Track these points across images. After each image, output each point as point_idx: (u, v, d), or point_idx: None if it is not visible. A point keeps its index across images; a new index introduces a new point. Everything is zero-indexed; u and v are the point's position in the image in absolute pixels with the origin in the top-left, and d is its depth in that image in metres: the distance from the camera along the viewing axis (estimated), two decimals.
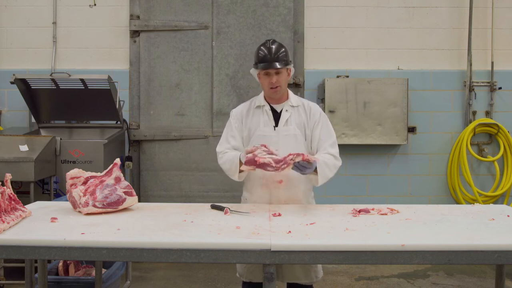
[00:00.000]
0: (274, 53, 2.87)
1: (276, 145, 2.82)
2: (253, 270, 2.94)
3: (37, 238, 2.09)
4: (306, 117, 2.96)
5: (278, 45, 2.91)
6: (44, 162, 4.16)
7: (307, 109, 2.98)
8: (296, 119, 2.95)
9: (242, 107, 3.05)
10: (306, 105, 3.00)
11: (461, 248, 2.02)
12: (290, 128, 2.93)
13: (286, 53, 2.91)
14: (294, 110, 2.96)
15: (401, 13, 5.43)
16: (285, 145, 2.87)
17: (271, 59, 2.85)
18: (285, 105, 2.96)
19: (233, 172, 2.89)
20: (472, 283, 4.49)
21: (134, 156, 5.35)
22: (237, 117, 3.01)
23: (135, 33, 5.38)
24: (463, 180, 5.35)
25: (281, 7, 5.39)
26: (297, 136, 2.92)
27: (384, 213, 2.62)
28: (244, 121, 2.99)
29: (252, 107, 3.01)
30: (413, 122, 5.37)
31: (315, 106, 3.03)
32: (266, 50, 2.89)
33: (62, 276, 3.35)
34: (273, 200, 2.95)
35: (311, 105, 3.01)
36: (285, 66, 2.88)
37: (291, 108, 2.96)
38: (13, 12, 5.40)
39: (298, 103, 2.99)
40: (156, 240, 2.06)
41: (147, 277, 4.60)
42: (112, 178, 2.66)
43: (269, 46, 2.89)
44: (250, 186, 3.01)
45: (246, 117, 2.99)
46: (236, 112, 3.04)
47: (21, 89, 4.69)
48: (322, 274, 3.02)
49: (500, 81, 5.42)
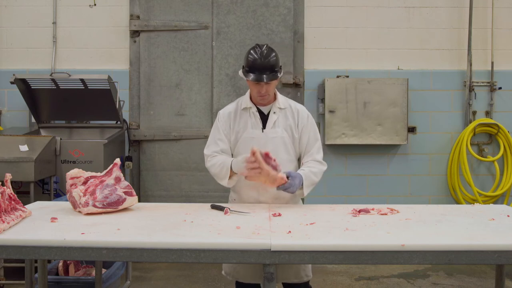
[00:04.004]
0: (265, 65, 2.81)
1: (264, 147, 2.83)
2: (239, 270, 2.93)
3: (37, 238, 2.09)
4: (293, 120, 2.95)
5: (268, 54, 2.83)
6: (44, 162, 4.16)
7: (295, 111, 2.97)
8: (283, 122, 2.94)
9: (230, 109, 3.01)
10: (294, 108, 2.98)
11: (461, 248, 2.02)
12: (278, 130, 2.93)
13: (276, 62, 2.84)
14: (281, 113, 2.95)
15: (401, 13, 5.43)
16: (273, 147, 2.89)
17: (261, 69, 2.80)
18: (272, 107, 2.95)
19: (223, 176, 2.88)
20: (472, 283, 4.49)
21: (134, 156, 5.35)
22: (224, 119, 2.98)
23: (135, 33, 5.38)
24: (463, 180, 5.35)
25: (281, 7, 5.39)
26: (284, 139, 2.93)
27: (384, 213, 2.62)
28: (231, 123, 2.97)
29: (239, 109, 2.98)
30: (413, 122, 5.37)
31: (302, 108, 3.02)
32: (257, 58, 2.82)
33: (62, 276, 3.36)
34: (261, 201, 2.95)
35: (298, 108, 2.99)
36: (275, 79, 2.83)
37: (278, 110, 2.95)
38: (13, 12, 5.40)
39: (285, 105, 2.97)
40: (156, 240, 2.06)
41: (147, 277, 4.60)
42: (112, 178, 2.66)
43: (259, 56, 2.82)
44: (238, 187, 3.00)
45: (234, 119, 2.97)
46: (224, 114, 3.00)
47: (21, 89, 4.69)
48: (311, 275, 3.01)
49: (500, 81, 5.42)
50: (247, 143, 2.90)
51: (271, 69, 2.83)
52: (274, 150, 2.83)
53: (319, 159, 2.95)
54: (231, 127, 2.97)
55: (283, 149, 2.92)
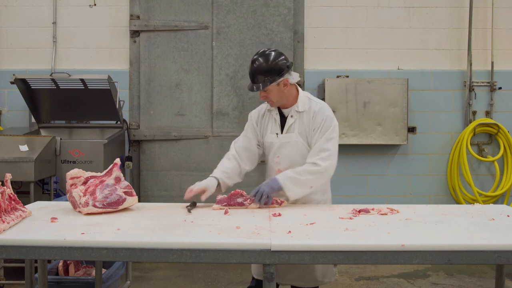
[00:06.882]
0: (254, 73, 2.81)
1: (278, 152, 2.90)
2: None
3: (37, 238, 2.09)
4: (309, 123, 2.88)
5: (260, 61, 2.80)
6: (44, 162, 4.16)
7: (312, 114, 2.88)
8: (299, 126, 2.89)
9: (259, 109, 3.05)
10: (312, 110, 2.89)
11: (461, 248, 2.02)
12: (292, 135, 2.90)
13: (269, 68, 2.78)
14: (299, 116, 2.89)
15: (401, 13, 5.43)
16: (286, 152, 2.90)
17: (252, 78, 2.82)
18: (291, 111, 2.91)
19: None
20: (472, 283, 4.49)
21: (134, 156, 5.35)
22: (253, 120, 3.04)
23: (135, 33, 5.38)
24: (463, 180, 5.35)
25: (281, 7, 5.39)
26: (298, 143, 2.89)
27: (384, 213, 2.62)
28: (258, 124, 3.01)
29: (266, 110, 3.01)
30: (413, 122, 5.37)
31: (321, 110, 2.88)
32: (250, 67, 2.83)
33: (62, 276, 3.35)
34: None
35: (317, 109, 2.88)
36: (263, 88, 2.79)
37: (296, 114, 2.90)
38: (13, 12, 5.40)
39: (305, 107, 2.89)
40: (156, 240, 2.06)
41: (147, 277, 4.60)
42: (112, 178, 2.66)
43: (251, 64, 2.83)
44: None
45: (260, 120, 3.01)
46: (253, 115, 3.05)
47: (21, 89, 4.69)
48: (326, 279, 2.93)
49: (500, 81, 5.42)
50: (267, 147, 2.98)
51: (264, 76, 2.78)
52: (287, 155, 2.87)
53: (313, 160, 2.82)
54: (258, 128, 3.01)
55: (298, 153, 2.88)
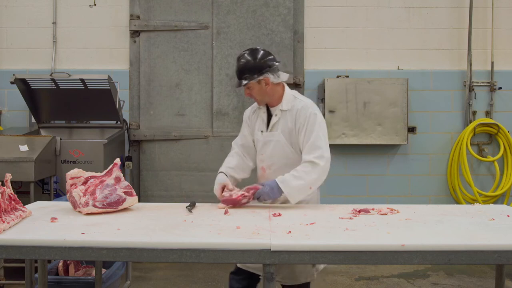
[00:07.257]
0: (238, 70, 2.88)
1: (262, 150, 2.97)
2: None
3: (37, 238, 2.09)
4: (292, 122, 2.90)
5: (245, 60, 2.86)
6: (44, 162, 4.16)
7: (295, 112, 2.89)
8: (282, 125, 2.92)
9: (252, 107, 3.13)
10: (295, 109, 2.90)
11: (461, 248, 2.02)
12: (275, 133, 2.94)
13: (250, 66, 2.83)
14: (283, 115, 2.93)
15: (401, 13, 5.43)
16: (269, 150, 2.95)
17: (238, 75, 2.89)
18: (276, 109, 2.96)
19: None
20: (472, 283, 4.49)
21: (134, 156, 5.35)
22: (245, 117, 3.13)
23: (135, 33, 5.38)
24: (463, 180, 5.35)
25: (281, 7, 5.39)
26: (280, 142, 2.92)
27: (384, 213, 2.62)
28: (250, 122, 3.09)
29: (257, 108, 3.07)
30: (413, 122, 5.37)
31: (303, 108, 2.89)
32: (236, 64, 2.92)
33: (62, 276, 3.35)
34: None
35: (300, 108, 2.89)
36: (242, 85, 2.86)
37: (280, 113, 2.93)
38: (13, 12, 5.40)
39: (289, 106, 2.91)
40: (156, 240, 2.06)
41: (147, 277, 4.60)
42: (112, 178, 2.66)
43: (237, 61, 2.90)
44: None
45: (252, 117, 3.09)
46: (246, 112, 3.14)
47: (21, 89, 4.69)
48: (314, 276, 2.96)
49: (500, 81, 5.42)
50: (255, 144, 3.06)
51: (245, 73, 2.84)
52: (270, 153, 2.94)
53: (309, 159, 2.82)
54: (250, 125, 3.08)
55: (279, 152, 2.92)
